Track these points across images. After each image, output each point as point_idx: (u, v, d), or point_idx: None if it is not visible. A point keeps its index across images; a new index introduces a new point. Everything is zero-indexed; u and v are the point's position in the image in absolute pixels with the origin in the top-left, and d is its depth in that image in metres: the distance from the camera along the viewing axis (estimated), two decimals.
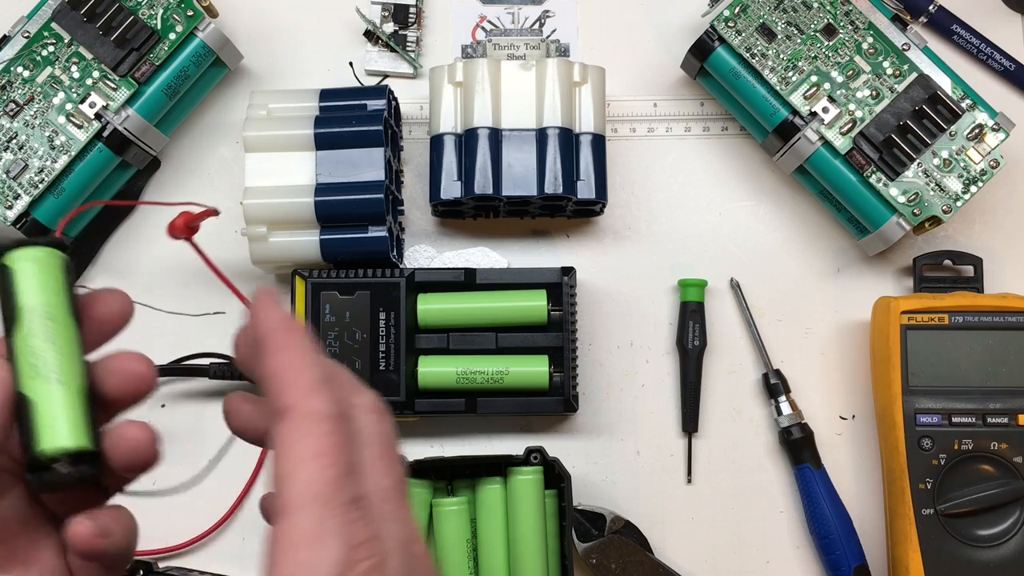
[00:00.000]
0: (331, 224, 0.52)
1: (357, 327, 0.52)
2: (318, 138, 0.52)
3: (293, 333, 0.30)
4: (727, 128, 0.59)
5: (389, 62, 0.59)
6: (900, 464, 0.52)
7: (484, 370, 0.52)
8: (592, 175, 0.53)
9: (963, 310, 0.53)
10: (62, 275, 0.31)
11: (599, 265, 0.58)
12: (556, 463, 0.51)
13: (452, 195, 0.53)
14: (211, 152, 0.59)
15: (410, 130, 0.59)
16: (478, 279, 0.54)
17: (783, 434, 0.55)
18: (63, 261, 0.31)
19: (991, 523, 0.51)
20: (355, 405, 0.30)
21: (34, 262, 0.31)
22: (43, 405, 0.29)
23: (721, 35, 0.53)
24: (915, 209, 0.53)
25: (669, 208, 0.58)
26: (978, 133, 0.53)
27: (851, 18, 0.54)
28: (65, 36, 0.53)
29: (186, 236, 0.42)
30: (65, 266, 0.31)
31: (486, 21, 0.59)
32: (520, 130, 0.53)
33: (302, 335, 0.30)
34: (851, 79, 0.53)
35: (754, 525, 0.56)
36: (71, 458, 0.29)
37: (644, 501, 0.56)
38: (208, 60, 0.55)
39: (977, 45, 0.58)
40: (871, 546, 0.54)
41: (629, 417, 0.56)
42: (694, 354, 0.56)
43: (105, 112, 0.53)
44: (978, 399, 0.52)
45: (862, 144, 0.53)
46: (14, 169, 0.52)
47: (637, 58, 0.59)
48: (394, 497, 0.29)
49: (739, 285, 0.57)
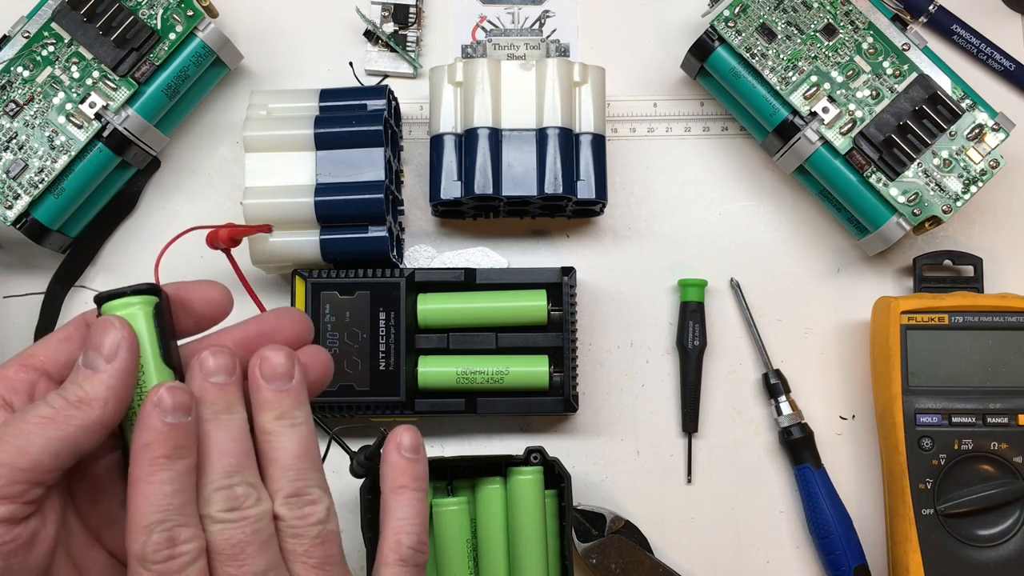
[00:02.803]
0: (331, 224, 0.52)
1: (357, 327, 0.52)
2: (318, 138, 0.52)
3: (148, 464, 0.30)
4: (727, 128, 0.59)
5: (389, 62, 0.59)
6: (900, 464, 0.52)
7: (484, 370, 0.52)
8: (592, 175, 0.53)
9: (963, 310, 0.53)
10: (153, 322, 0.32)
11: (599, 265, 0.58)
12: (556, 463, 0.51)
13: (452, 195, 0.53)
14: (211, 152, 0.59)
15: (410, 130, 0.59)
16: (478, 279, 0.54)
17: (783, 434, 0.55)
18: (154, 307, 0.33)
19: (991, 523, 0.51)
20: (205, 518, 0.31)
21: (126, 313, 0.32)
22: None
23: (721, 35, 0.53)
24: (915, 209, 0.53)
25: (669, 208, 0.58)
26: (978, 133, 0.53)
27: (851, 18, 0.54)
28: (65, 36, 0.53)
29: (226, 248, 0.44)
30: (156, 312, 0.33)
31: (486, 21, 0.59)
32: (520, 130, 0.53)
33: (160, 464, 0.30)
34: (851, 79, 0.53)
35: (754, 525, 0.56)
36: None
37: (644, 501, 0.56)
38: (208, 60, 0.55)
39: (977, 45, 0.58)
40: (871, 546, 0.54)
41: (629, 417, 0.56)
42: (694, 354, 0.56)
43: (105, 112, 0.53)
44: (978, 399, 0.52)
45: (862, 144, 0.53)
46: (14, 169, 0.52)
47: (637, 58, 0.59)
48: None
49: (739, 285, 0.57)
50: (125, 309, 0.32)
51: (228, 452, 0.31)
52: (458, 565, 0.51)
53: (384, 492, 0.36)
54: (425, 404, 0.53)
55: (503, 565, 0.51)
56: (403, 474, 0.36)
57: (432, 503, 0.52)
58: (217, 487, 0.31)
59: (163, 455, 0.30)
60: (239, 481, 0.31)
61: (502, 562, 0.51)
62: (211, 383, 0.32)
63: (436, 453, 0.56)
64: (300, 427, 0.33)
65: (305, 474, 0.32)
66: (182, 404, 0.31)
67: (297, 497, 0.32)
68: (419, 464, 0.36)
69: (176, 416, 0.30)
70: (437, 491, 0.53)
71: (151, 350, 0.32)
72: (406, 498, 0.36)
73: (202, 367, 0.32)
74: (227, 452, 0.31)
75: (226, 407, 0.32)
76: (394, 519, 0.35)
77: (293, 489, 0.32)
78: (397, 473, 0.36)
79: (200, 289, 0.35)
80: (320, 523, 0.32)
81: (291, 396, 0.33)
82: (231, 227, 0.45)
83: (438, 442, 0.56)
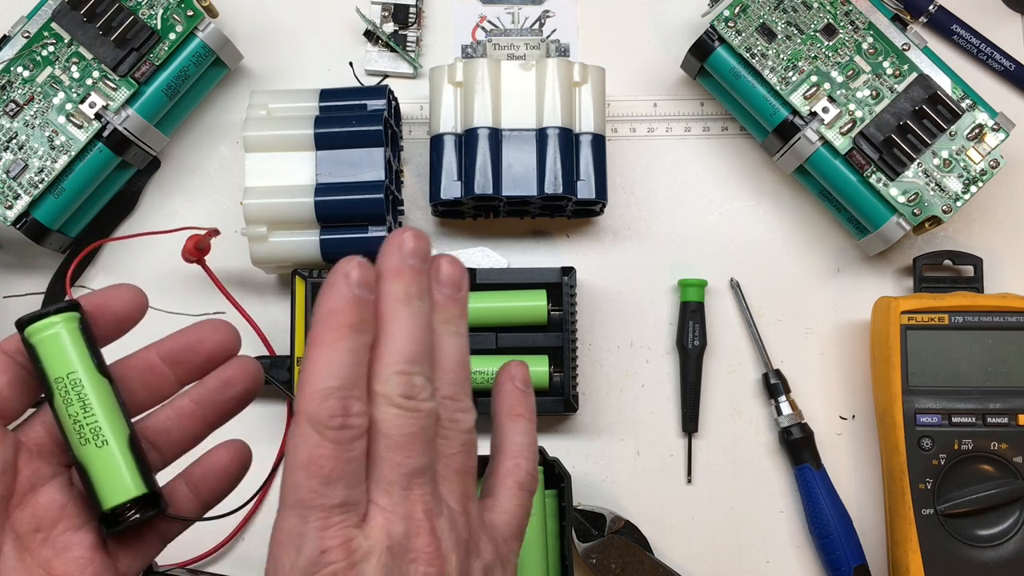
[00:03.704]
0: (331, 224, 0.52)
1: None
2: (318, 138, 0.52)
3: (334, 329, 0.30)
4: (727, 128, 0.59)
5: (389, 62, 0.59)
6: (900, 464, 0.52)
7: (484, 370, 0.52)
8: (592, 175, 0.53)
9: (963, 310, 0.53)
10: (80, 336, 0.33)
11: (599, 265, 0.58)
12: (556, 463, 0.51)
13: (452, 195, 0.53)
14: (211, 152, 0.59)
15: (410, 130, 0.59)
16: (478, 279, 0.54)
17: (783, 434, 0.55)
18: (78, 322, 0.33)
19: (991, 523, 0.51)
20: (378, 395, 0.30)
21: (51, 333, 0.33)
22: (95, 469, 0.32)
23: (721, 35, 0.53)
24: (915, 209, 0.53)
25: (669, 208, 0.58)
26: (978, 133, 0.53)
27: (851, 18, 0.54)
28: (65, 36, 0.53)
29: (197, 258, 0.46)
30: (81, 326, 0.33)
31: (486, 21, 0.59)
32: (520, 130, 0.53)
33: (345, 332, 0.30)
34: (851, 79, 0.53)
35: (754, 525, 0.56)
36: (133, 505, 0.33)
37: (644, 501, 0.56)
38: (208, 60, 0.55)
39: (977, 45, 0.58)
40: (871, 546, 0.54)
41: (629, 417, 0.56)
42: (694, 354, 0.56)
43: (105, 112, 0.53)
44: (978, 399, 0.52)
45: (862, 144, 0.53)
46: (14, 169, 0.52)
47: (637, 58, 0.59)
48: (399, 487, 0.30)
49: (739, 285, 0.57)
50: (48, 330, 0.32)
51: (415, 339, 0.31)
52: None
53: (500, 419, 0.36)
54: None
55: None
56: (519, 403, 0.36)
57: None
58: (399, 370, 0.30)
59: (349, 324, 0.30)
60: (419, 371, 0.31)
61: None
62: (408, 264, 0.31)
63: None
64: (461, 336, 0.33)
65: (461, 382, 0.33)
66: (368, 281, 0.30)
67: (453, 401, 0.32)
68: (531, 397, 0.37)
69: (363, 291, 0.30)
70: None
71: (83, 363, 0.33)
72: (522, 426, 0.36)
73: (402, 247, 0.31)
74: (414, 339, 0.31)
75: (419, 293, 0.31)
76: (512, 444, 0.36)
77: (450, 392, 0.32)
78: (513, 402, 0.36)
79: (114, 294, 0.35)
80: (467, 431, 0.33)
81: (458, 305, 0.33)
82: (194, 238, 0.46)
83: None
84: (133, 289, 0.35)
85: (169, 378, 0.35)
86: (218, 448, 0.37)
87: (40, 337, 0.32)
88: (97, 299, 0.34)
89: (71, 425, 0.32)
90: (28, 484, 0.33)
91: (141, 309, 0.35)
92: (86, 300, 0.34)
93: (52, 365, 0.32)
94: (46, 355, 0.32)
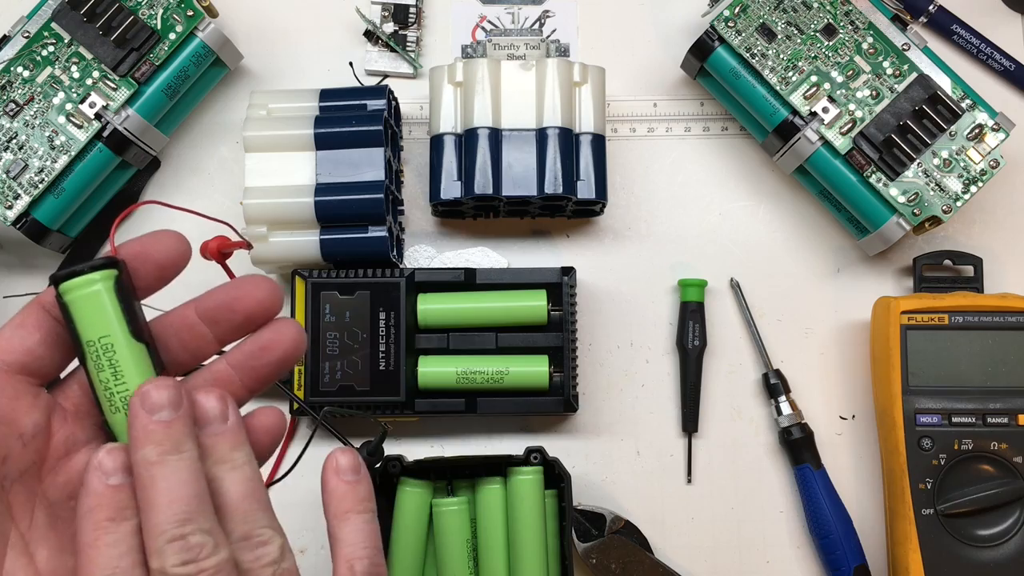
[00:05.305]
0: (331, 224, 0.52)
1: (357, 327, 0.52)
2: (318, 138, 0.52)
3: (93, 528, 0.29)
4: (727, 128, 0.59)
5: (389, 62, 0.59)
6: (900, 464, 0.52)
7: (484, 370, 0.52)
8: (592, 175, 0.53)
9: (963, 310, 0.53)
10: (115, 298, 0.31)
11: (599, 265, 0.58)
12: (556, 463, 0.51)
13: (452, 195, 0.53)
14: (211, 152, 0.59)
15: (410, 130, 0.59)
16: (478, 279, 0.54)
17: (783, 434, 0.55)
18: (115, 280, 0.31)
19: (991, 523, 0.51)
20: (155, 573, 0.30)
21: (86, 292, 0.31)
22: (123, 437, 0.31)
23: (721, 35, 0.53)
24: (915, 209, 0.53)
25: (669, 208, 0.58)
26: (978, 133, 0.53)
27: (851, 18, 0.54)
28: (65, 36, 0.53)
29: (217, 260, 0.44)
30: (118, 285, 0.31)
31: (486, 21, 0.59)
32: (520, 130, 0.53)
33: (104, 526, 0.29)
34: (851, 79, 0.53)
35: (754, 525, 0.56)
36: None
37: (644, 501, 0.56)
38: (208, 60, 0.55)
39: (977, 45, 0.58)
40: (871, 546, 0.54)
41: (629, 417, 0.56)
42: (694, 354, 0.56)
43: (105, 112, 0.53)
44: (978, 399, 0.52)
45: (862, 144, 0.53)
46: (14, 169, 0.52)
47: (637, 58, 0.59)
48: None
49: (739, 285, 0.57)
50: (83, 289, 0.31)
51: (178, 498, 0.29)
52: (458, 565, 0.51)
53: (329, 521, 0.34)
54: (425, 404, 0.53)
55: (503, 565, 0.51)
56: (345, 499, 0.34)
57: (432, 503, 0.52)
58: (170, 538, 0.29)
59: (107, 517, 0.29)
60: (193, 529, 0.29)
61: (502, 562, 0.51)
62: (155, 421, 0.29)
63: (436, 453, 0.56)
64: (243, 467, 0.31)
65: (253, 515, 0.31)
66: (123, 464, 0.30)
67: (247, 540, 0.31)
68: (361, 485, 0.34)
69: (118, 477, 0.29)
70: (437, 491, 0.53)
71: (118, 327, 0.31)
72: (352, 523, 0.34)
73: (144, 403, 0.30)
74: (179, 498, 0.29)
75: (173, 446, 0.30)
76: (344, 546, 0.34)
77: (244, 531, 0.31)
78: (339, 499, 0.34)
79: (155, 240, 0.33)
80: (274, 563, 0.31)
81: (228, 439, 0.31)
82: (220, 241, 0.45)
83: (438, 442, 0.56)
84: (175, 235, 0.33)
85: (208, 337, 0.34)
86: (259, 412, 0.35)
87: (73, 296, 0.31)
88: (137, 246, 0.32)
89: (102, 391, 0.31)
90: (62, 448, 0.32)
91: (185, 257, 0.33)
92: (125, 248, 0.32)
93: (84, 327, 0.31)
94: (79, 315, 0.31)
